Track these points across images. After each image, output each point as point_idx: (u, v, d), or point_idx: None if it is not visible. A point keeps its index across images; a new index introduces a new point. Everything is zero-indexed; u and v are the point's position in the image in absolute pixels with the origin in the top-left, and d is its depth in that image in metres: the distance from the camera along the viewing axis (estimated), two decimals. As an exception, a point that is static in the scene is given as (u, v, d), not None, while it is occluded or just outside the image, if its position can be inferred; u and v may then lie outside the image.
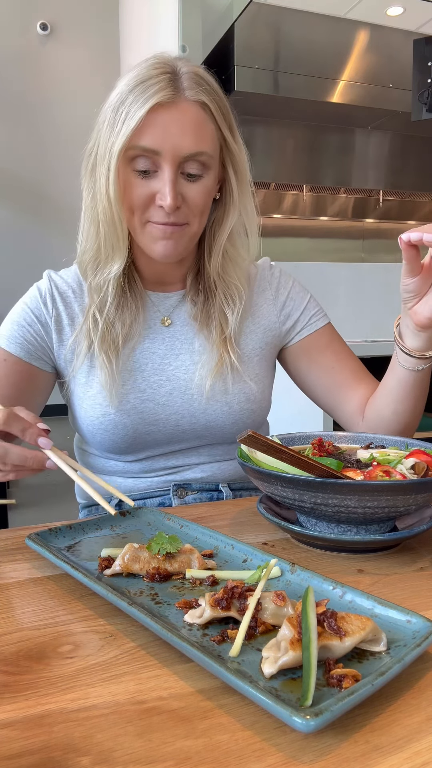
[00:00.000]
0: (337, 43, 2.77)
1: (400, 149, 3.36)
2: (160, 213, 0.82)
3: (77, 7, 2.78)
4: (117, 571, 0.57)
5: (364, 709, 0.39)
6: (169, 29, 2.32)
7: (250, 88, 2.67)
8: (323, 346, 1.00)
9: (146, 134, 0.78)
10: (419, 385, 0.87)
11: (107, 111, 0.81)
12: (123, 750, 0.36)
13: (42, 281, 0.95)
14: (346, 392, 0.99)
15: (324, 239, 3.66)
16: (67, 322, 0.92)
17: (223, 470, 0.97)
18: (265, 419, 1.03)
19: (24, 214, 2.67)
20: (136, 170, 0.80)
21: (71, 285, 0.94)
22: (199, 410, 0.92)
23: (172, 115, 0.78)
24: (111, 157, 0.79)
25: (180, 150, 0.79)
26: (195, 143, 0.80)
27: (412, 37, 2.49)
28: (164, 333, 0.94)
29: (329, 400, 1.01)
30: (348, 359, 1.01)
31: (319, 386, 1.01)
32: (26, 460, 0.68)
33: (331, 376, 1.00)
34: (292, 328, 1.00)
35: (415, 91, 2.31)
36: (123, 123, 0.78)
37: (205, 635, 0.47)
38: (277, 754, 0.35)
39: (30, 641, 0.48)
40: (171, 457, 0.95)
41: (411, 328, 0.81)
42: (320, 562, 0.63)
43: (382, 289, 2.36)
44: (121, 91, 0.80)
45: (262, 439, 0.62)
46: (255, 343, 0.97)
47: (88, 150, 0.85)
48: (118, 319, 0.90)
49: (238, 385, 0.93)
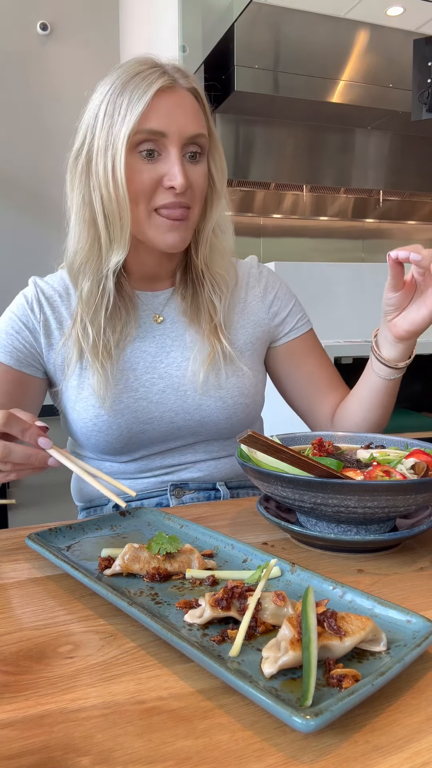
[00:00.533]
0: (337, 43, 2.77)
1: (400, 149, 3.36)
2: (168, 195, 0.83)
3: (77, 7, 2.78)
4: (117, 571, 0.57)
5: (364, 709, 0.39)
6: (169, 29, 2.32)
7: (250, 88, 2.67)
8: (307, 352, 1.04)
9: (152, 118, 0.80)
10: (390, 393, 0.92)
11: (99, 107, 0.83)
12: (123, 750, 0.36)
13: (28, 288, 0.95)
14: (321, 399, 1.03)
15: (324, 239, 3.66)
16: (55, 326, 0.92)
17: (219, 468, 0.97)
18: (259, 415, 1.04)
19: (24, 214, 2.67)
20: (142, 156, 0.82)
21: (57, 290, 0.94)
22: (193, 406, 0.92)
23: (174, 100, 0.82)
24: (117, 143, 0.80)
25: (184, 131, 0.82)
26: (196, 125, 0.84)
27: (412, 37, 2.49)
28: (155, 331, 0.94)
29: (304, 405, 1.05)
30: (327, 367, 1.05)
31: (297, 390, 1.04)
32: (29, 458, 0.68)
33: (311, 382, 1.03)
34: (279, 327, 1.02)
35: (415, 91, 2.30)
36: (127, 110, 0.80)
37: (205, 635, 0.47)
38: (277, 754, 0.36)
39: (30, 641, 0.48)
40: (167, 456, 0.95)
41: (389, 339, 0.85)
42: (320, 562, 0.63)
43: (382, 289, 2.35)
44: (113, 87, 0.82)
45: (262, 439, 0.62)
46: (246, 338, 0.98)
47: (76, 150, 0.86)
48: (109, 325, 0.90)
49: (232, 379, 0.94)
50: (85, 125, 0.85)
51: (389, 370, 0.88)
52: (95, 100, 0.84)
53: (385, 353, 0.87)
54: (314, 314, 2.50)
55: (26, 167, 2.66)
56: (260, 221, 3.52)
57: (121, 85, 0.81)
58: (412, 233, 3.90)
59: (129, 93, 0.80)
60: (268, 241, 3.55)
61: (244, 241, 3.51)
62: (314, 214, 3.58)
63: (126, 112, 0.80)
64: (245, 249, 3.49)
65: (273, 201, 3.48)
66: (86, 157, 0.84)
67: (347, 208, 3.65)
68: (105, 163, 0.82)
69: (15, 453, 0.68)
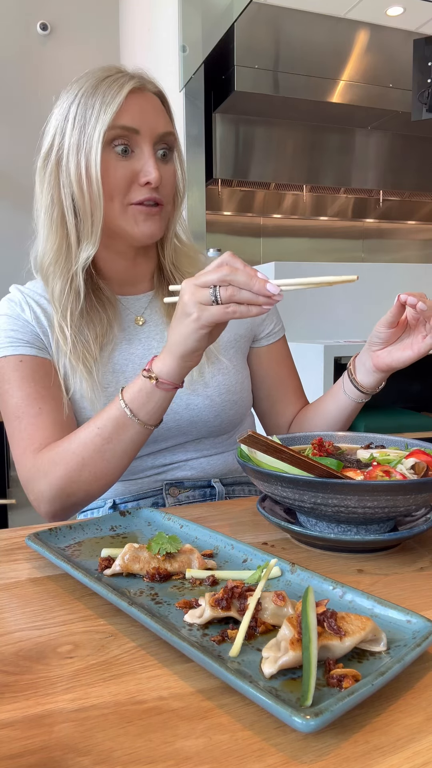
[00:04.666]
0: (337, 43, 2.77)
1: (400, 149, 3.35)
2: (143, 192, 0.85)
3: (77, 7, 2.78)
4: (117, 571, 0.57)
5: (364, 709, 0.39)
6: (169, 29, 2.32)
7: (250, 88, 2.67)
8: (282, 357, 1.06)
9: (125, 115, 0.83)
10: (354, 412, 0.96)
11: (69, 109, 0.84)
12: (123, 750, 0.36)
13: (11, 294, 0.94)
14: (285, 404, 1.07)
15: (324, 239, 3.67)
16: (47, 324, 0.90)
17: (212, 465, 0.98)
18: (249, 411, 1.05)
19: (24, 214, 2.67)
20: (117, 152, 0.83)
21: (42, 294, 0.93)
22: (181, 406, 0.92)
23: (144, 99, 0.85)
24: (92, 140, 0.81)
25: (156, 129, 0.85)
26: (165, 124, 0.87)
27: (412, 37, 2.49)
28: (140, 333, 0.95)
29: (266, 406, 1.07)
30: (296, 376, 1.09)
31: (264, 391, 1.06)
32: (251, 281, 0.65)
33: (279, 387, 1.06)
34: (260, 326, 1.03)
35: (415, 91, 2.30)
36: (101, 109, 0.82)
37: (205, 635, 0.47)
38: (277, 754, 0.35)
39: (30, 641, 0.48)
40: (158, 456, 0.95)
41: (368, 367, 0.89)
42: (320, 562, 0.63)
43: (382, 289, 2.35)
44: (82, 90, 0.84)
45: (262, 439, 0.62)
46: (229, 336, 0.99)
47: (45, 152, 0.86)
48: (86, 326, 0.89)
49: (218, 377, 0.95)
50: (53, 127, 0.86)
51: (360, 394, 0.92)
52: (63, 104, 0.86)
53: (360, 378, 0.91)
54: (314, 314, 2.51)
55: (26, 167, 2.66)
56: (260, 221, 3.52)
57: (92, 88, 0.83)
58: (412, 233, 3.91)
59: (101, 94, 0.82)
60: (268, 241, 3.55)
61: (244, 241, 3.52)
62: (314, 214, 3.58)
63: (100, 111, 0.82)
64: (245, 249, 3.49)
65: (273, 201, 3.48)
66: (56, 157, 0.85)
67: (347, 208, 3.65)
68: (78, 160, 0.82)
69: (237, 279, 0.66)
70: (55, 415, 0.87)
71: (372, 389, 0.91)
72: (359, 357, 0.91)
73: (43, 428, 0.85)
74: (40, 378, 0.88)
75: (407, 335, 0.85)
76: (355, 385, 0.91)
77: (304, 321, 2.26)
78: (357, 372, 0.91)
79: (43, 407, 0.87)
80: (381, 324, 0.84)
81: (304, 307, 2.27)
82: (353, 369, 0.92)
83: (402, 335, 0.85)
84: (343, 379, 0.94)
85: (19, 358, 0.88)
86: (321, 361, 1.91)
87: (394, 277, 2.40)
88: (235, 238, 3.49)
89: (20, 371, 0.87)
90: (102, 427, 0.78)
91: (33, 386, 0.87)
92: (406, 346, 0.84)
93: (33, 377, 0.88)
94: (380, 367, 0.86)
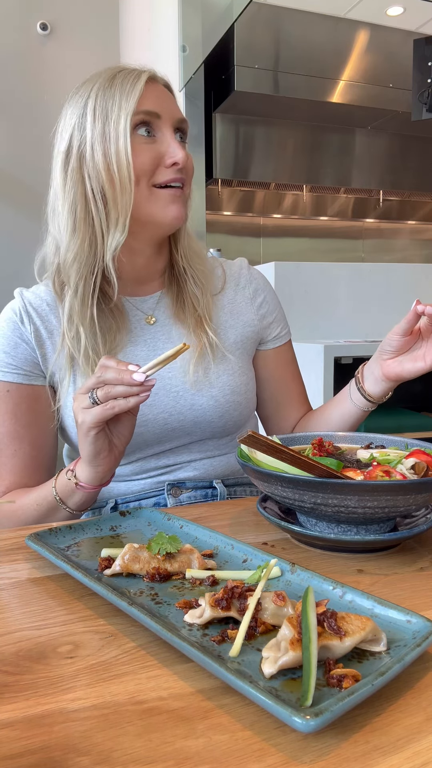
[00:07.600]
0: (337, 43, 2.77)
1: (400, 149, 3.35)
2: (168, 173, 0.86)
3: (77, 7, 2.78)
4: (117, 571, 0.57)
5: (364, 709, 0.39)
6: (169, 29, 2.32)
7: (250, 88, 2.67)
8: (288, 361, 1.07)
9: (146, 101, 0.85)
10: (359, 420, 0.96)
11: (86, 105, 0.85)
12: (123, 750, 0.36)
13: (14, 301, 0.94)
14: (287, 410, 1.07)
15: (324, 239, 3.67)
16: (46, 336, 0.91)
17: (215, 467, 0.98)
18: (253, 413, 1.05)
19: (24, 214, 2.67)
20: (143, 135, 0.85)
21: (45, 299, 0.93)
22: (185, 406, 0.92)
23: (159, 89, 0.88)
24: (119, 127, 0.83)
25: (174, 114, 0.88)
26: (179, 111, 0.90)
27: (412, 37, 2.49)
28: (147, 334, 0.95)
29: (270, 410, 1.08)
30: (300, 381, 1.09)
31: (268, 394, 1.06)
32: (120, 374, 0.69)
33: (284, 391, 1.06)
34: (266, 330, 1.03)
35: (415, 91, 2.30)
36: (122, 98, 0.84)
37: (205, 635, 0.47)
38: (277, 754, 0.35)
39: (30, 641, 0.48)
40: (162, 457, 0.95)
41: (377, 375, 0.88)
42: (320, 562, 0.63)
43: (382, 289, 2.36)
44: (97, 86, 0.85)
45: (262, 439, 0.62)
46: (235, 337, 0.99)
47: (65, 150, 0.86)
48: (99, 330, 0.89)
49: (223, 377, 0.95)
50: (70, 126, 0.86)
51: (366, 403, 0.92)
52: (77, 103, 0.86)
53: (368, 387, 0.90)
54: (314, 314, 2.51)
55: (26, 167, 2.66)
56: (260, 221, 3.52)
57: (108, 81, 0.85)
58: (412, 233, 3.91)
59: (119, 85, 0.84)
60: (268, 240, 3.55)
61: (244, 241, 3.52)
62: (314, 214, 3.58)
63: (121, 99, 0.83)
64: (245, 249, 3.49)
65: (273, 201, 3.48)
66: (78, 152, 0.85)
67: (347, 208, 3.65)
68: (105, 149, 0.83)
69: (107, 375, 0.70)
70: (31, 455, 0.91)
71: (379, 398, 0.91)
72: (368, 365, 0.91)
73: (12, 473, 0.90)
74: (26, 409, 0.90)
75: (419, 345, 0.84)
76: (363, 394, 0.91)
77: (304, 321, 2.26)
78: (365, 380, 0.91)
79: (19, 449, 0.90)
80: (395, 332, 0.83)
81: (304, 307, 2.27)
82: (361, 377, 0.91)
83: (413, 345, 0.85)
84: (350, 387, 0.94)
85: (6, 387, 0.90)
86: (321, 361, 1.91)
87: (393, 277, 2.40)
88: (235, 238, 3.49)
89: (6, 403, 0.90)
90: (39, 505, 0.84)
91: (14, 423, 0.90)
92: (418, 357, 0.83)
93: (16, 412, 0.90)
94: (390, 376, 0.86)
